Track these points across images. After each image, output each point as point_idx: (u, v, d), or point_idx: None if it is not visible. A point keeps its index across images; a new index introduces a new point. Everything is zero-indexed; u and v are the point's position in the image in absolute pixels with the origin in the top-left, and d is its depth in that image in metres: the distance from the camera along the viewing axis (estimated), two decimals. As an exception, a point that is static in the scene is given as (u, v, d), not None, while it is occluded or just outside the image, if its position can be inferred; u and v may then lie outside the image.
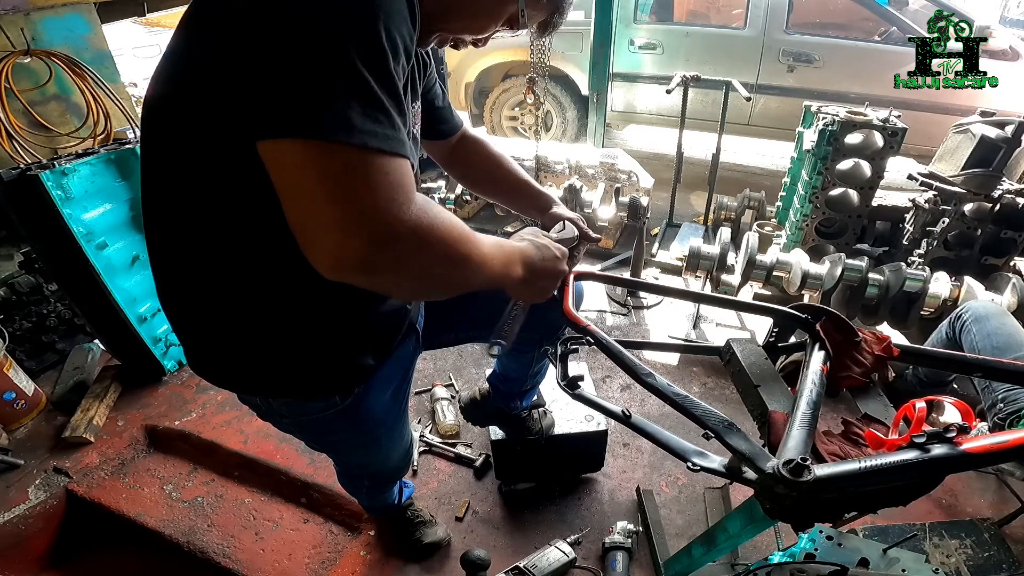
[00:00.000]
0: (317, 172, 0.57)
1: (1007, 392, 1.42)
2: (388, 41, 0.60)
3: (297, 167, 0.58)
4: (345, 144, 0.57)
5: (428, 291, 0.77)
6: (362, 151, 0.58)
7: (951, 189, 2.29)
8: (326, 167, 0.57)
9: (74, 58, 2.47)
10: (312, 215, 0.59)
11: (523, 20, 0.84)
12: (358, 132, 0.57)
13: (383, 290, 0.70)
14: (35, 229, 1.90)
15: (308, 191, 0.58)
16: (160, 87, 0.70)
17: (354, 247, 0.59)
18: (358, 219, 0.58)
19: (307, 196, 0.58)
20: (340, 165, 0.57)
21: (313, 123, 0.56)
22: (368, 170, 0.59)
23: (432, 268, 0.67)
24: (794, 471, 0.64)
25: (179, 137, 0.69)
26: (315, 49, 0.56)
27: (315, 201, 0.58)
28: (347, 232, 0.58)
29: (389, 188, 0.60)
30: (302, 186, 0.59)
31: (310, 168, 0.57)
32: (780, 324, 1.11)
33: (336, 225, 0.58)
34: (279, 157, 0.59)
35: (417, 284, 0.70)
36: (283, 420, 0.99)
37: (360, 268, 0.61)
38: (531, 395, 1.57)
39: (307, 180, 0.58)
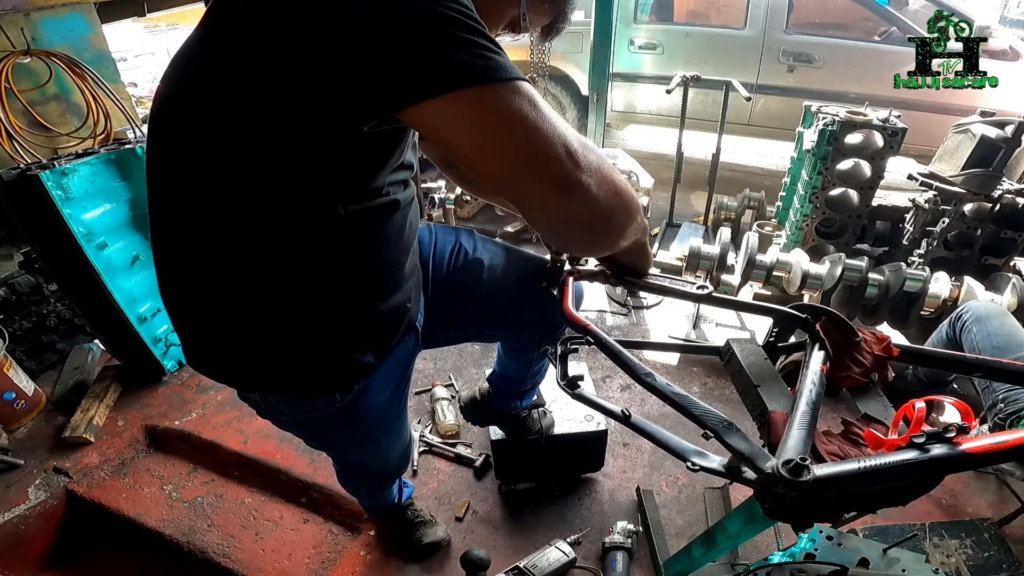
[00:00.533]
0: (511, 110, 0.60)
1: (1007, 392, 1.42)
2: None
3: (483, 114, 0.60)
4: (515, 80, 0.60)
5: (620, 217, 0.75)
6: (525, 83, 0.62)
7: (951, 189, 2.29)
8: (514, 103, 0.60)
9: (74, 58, 2.47)
10: (520, 152, 0.61)
11: (525, 24, 0.84)
12: (511, 69, 0.61)
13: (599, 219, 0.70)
14: (35, 229, 1.90)
15: (505, 132, 0.61)
16: (175, 86, 0.70)
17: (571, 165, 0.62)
18: (561, 137, 0.62)
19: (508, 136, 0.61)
20: (520, 97, 0.60)
21: (481, 68, 0.58)
22: (537, 98, 0.62)
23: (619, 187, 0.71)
24: (793, 471, 0.64)
25: (193, 135, 0.69)
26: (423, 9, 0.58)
27: (517, 138, 0.61)
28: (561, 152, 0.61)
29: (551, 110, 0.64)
30: (497, 129, 0.61)
31: (502, 109, 0.60)
32: (780, 324, 1.11)
33: (548, 150, 0.61)
34: (455, 113, 0.60)
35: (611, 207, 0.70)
36: (282, 417, 0.99)
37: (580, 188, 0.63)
38: (531, 395, 1.57)
39: (502, 121, 0.60)
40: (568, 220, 0.67)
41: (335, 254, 0.77)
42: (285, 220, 0.72)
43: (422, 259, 1.08)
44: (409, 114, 0.61)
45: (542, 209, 0.66)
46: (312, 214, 0.72)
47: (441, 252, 1.16)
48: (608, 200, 0.68)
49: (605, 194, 0.67)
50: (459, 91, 0.59)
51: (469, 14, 0.60)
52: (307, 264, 0.77)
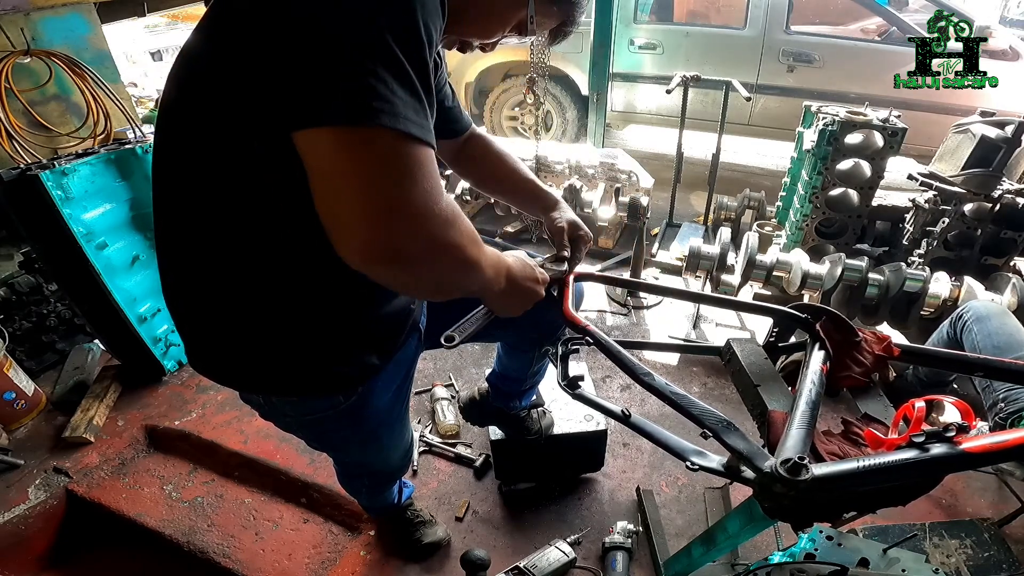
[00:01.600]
0: (357, 158, 0.57)
1: (1008, 392, 1.42)
2: (425, 33, 0.60)
3: (336, 153, 0.57)
4: (388, 130, 0.57)
5: (437, 289, 0.74)
6: (403, 138, 0.58)
7: (951, 189, 2.29)
8: (367, 153, 0.57)
9: (74, 58, 2.47)
10: (347, 202, 0.58)
11: (532, 27, 0.84)
12: (401, 119, 0.57)
13: (400, 285, 0.69)
14: (35, 229, 1.90)
15: (345, 177, 0.58)
16: (182, 85, 0.70)
17: (388, 236, 0.58)
18: (397, 207, 0.58)
19: (344, 182, 0.58)
20: (382, 151, 0.57)
21: (355, 109, 0.56)
22: (408, 158, 0.58)
23: (451, 267, 0.68)
24: (792, 470, 0.64)
25: (199, 134, 0.69)
26: (357, 36, 0.56)
27: (351, 187, 0.58)
28: (383, 220, 0.58)
29: (426, 178, 0.60)
30: (339, 172, 0.58)
31: (349, 154, 0.57)
32: (780, 324, 1.11)
33: (373, 212, 0.58)
34: (316, 145, 0.58)
35: (432, 281, 0.69)
36: (286, 419, 0.99)
37: (390, 258, 0.60)
38: (530, 395, 1.57)
39: (346, 165, 0.57)
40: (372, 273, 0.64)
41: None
42: (290, 222, 0.72)
43: None
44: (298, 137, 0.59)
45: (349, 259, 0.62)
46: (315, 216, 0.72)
47: None
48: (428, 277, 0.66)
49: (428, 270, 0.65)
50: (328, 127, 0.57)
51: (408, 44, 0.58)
52: (313, 266, 0.76)
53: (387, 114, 0.56)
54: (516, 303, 0.92)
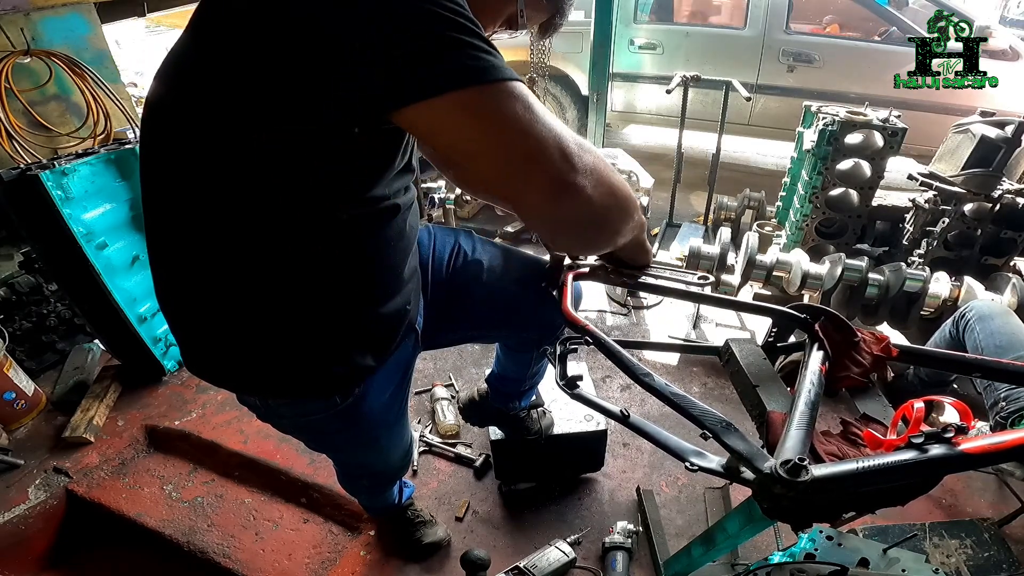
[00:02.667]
0: (505, 111, 0.60)
1: (1008, 391, 1.42)
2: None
3: (476, 114, 0.60)
4: (509, 81, 0.60)
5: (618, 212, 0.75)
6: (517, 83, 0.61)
7: (951, 189, 2.29)
8: (507, 103, 0.60)
9: (74, 58, 2.47)
10: (513, 154, 0.61)
11: (522, 21, 0.84)
12: (504, 69, 0.61)
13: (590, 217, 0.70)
14: (35, 229, 1.91)
15: (499, 133, 0.60)
16: (172, 87, 0.70)
17: (566, 166, 0.62)
18: (556, 138, 0.61)
19: (499, 139, 0.61)
20: (515, 99, 0.60)
21: (471, 70, 0.58)
22: (530, 97, 0.62)
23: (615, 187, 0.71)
24: (791, 471, 0.64)
25: (190, 135, 0.69)
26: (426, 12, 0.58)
27: (511, 139, 0.60)
28: (555, 154, 0.61)
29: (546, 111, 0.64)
30: (490, 131, 0.60)
31: (495, 110, 0.60)
32: (779, 324, 1.11)
33: (542, 152, 0.61)
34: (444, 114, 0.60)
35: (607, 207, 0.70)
36: (282, 421, 0.99)
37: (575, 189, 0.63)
38: (529, 395, 1.57)
39: (495, 123, 0.60)
40: (563, 220, 0.67)
41: (335, 257, 0.77)
42: (284, 223, 0.72)
43: (421, 261, 1.08)
44: (402, 115, 0.61)
45: (536, 211, 0.66)
46: (312, 217, 0.72)
47: (440, 254, 1.16)
48: (604, 201, 0.69)
49: (601, 195, 0.67)
50: (451, 93, 0.58)
51: (464, 14, 0.60)
52: (307, 267, 0.76)
53: (497, 68, 0.60)
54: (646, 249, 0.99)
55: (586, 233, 0.75)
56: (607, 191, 0.69)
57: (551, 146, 0.62)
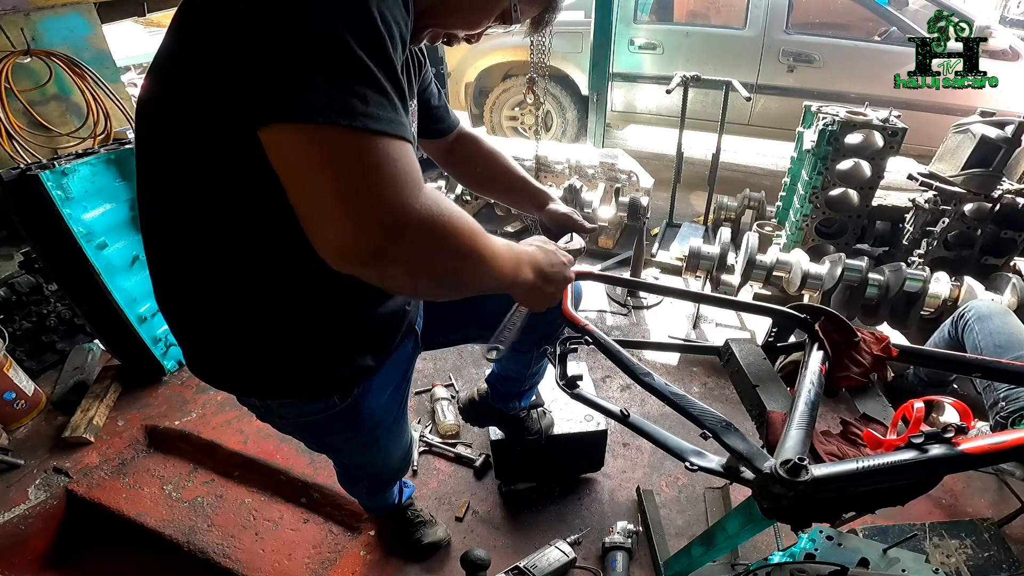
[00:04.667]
0: (319, 158, 0.55)
1: (1008, 391, 1.42)
2: (383, 24, 0.58)
3: (297, 153, 0.56)
4: (346, 128, 0.55)
5: (437, 287, 0.71)
6: (365, 134, 0.56)
7: (951, 189, 2.29)
8: (328, 152, 0.55)
9: (74, 58, 2.47)
10: (317, 204, 0.57)
11: (516, 15, 0.83)
12: (359, 115, 0.55)
13: (390, 284, 0.65)
14: (35, 229, 1.90)
15: (311, 178, 0.56)
16: (154, 87, 0.69)
17: (363, 238, 0.56)
18: (366, 208, 0.56)
19: (310, 184, 0.56)
20: (343, 150, 0.55)
21: (310, 106, 0.54)
22: (373, 155, 0.56)
23: (443, 262, 0.65)
24: (791, 471, 0.64)
25: (174, 136, 0.68)
26: (310, 32, 0.55)
27: (319, 189, 0.56)
28: (355, 222, 0.56)
29: (396, 174, 0.58)
30: (304, 173, 0.56)
31: (311, 154, 0.55)
32: (779, 324, 1.11)
33: (343, 214, 0.56)
34: (279, 144, 0.57)
35: (427, 279, 0.66)
36: (282, 421, 0.99)
37: (369, 260, 0.58)
38: (529, 395, 1.57)
39: (309, 167, 0.56)
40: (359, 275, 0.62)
41: None
42: (281, 223, 0.71)
43: None
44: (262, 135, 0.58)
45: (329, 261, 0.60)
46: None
47: None
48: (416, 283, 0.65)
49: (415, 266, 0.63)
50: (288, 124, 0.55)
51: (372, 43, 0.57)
52: (306, 268, 0.76)
53: (348, 110, 0.55)
54: (551, 291, 0.89)
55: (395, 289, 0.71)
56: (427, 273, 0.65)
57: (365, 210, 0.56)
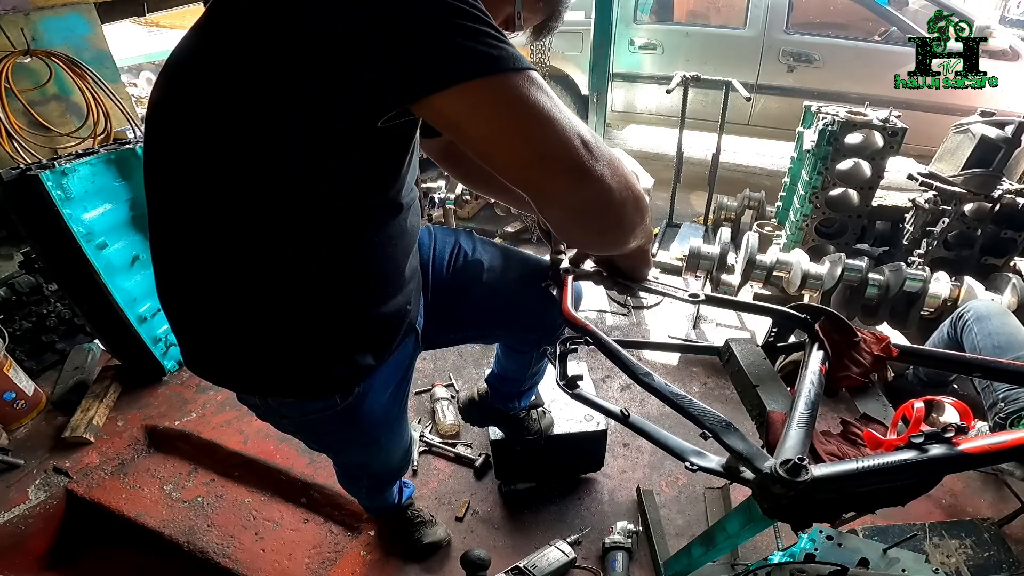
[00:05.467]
0: (527, 99, 0.60)
1: (1007, 392, 1.42)
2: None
3: (500, 103, 0.60)
4: (528, 71, 0.61)
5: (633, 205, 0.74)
6: (531, 72, 0.62)
7: (951, 189, 2.29)
8: (529, 92, 0.60)
9: (74, 58, 2.47)
10: (535, 143, 0.61)
11: (519, 22, 0.84)
12: (523, 59, 0.61)
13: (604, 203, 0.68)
14: (35, 229, 1.91)
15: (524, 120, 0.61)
16: (177, 89, 0.70)
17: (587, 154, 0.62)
18: (575, 127, 0.62)
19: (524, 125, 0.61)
20: (537, 88, 0.61)
21: (487, 60, 0.59)
22: (548, 88, 0.63)
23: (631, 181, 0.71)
24: (791, 471, 0.64)
25: (194, 138, 0.69)
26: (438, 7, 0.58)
27: (533, 127, 0.61)
28: (576, 141, 0.62)
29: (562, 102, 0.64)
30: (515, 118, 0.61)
31: (517, 98, 0.60)
32: (779, 324, 1.11)
33: (564, 140, 0.61)
34: (462, 104, 0.60)
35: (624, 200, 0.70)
36: (282, 420, 0.99)
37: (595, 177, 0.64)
38: (529, 395, 1.57)
39: (519, 109, 0.60)
40: (583, 209, 0.67)
41: (336, 257, 0.77)
42: (285, 223, 0.72)
43: (422, 261, 1.08)
44: (423, 105, 0.61)
45: (557, 198, 0.66)
46: (312, 217, 0.72)
47: (441, 254, 1.16)
48: (621, 192, 0.69)
49: (619, 185, 0.68)
50: (473, 81, 0.59)
51: (477, 6, 0.61)
52: (308, 267, 0.76)
53: (516, 57, 0.60)
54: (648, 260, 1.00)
55: (603, 224, 0.74)
56: (624, 183, 0.69)
57: (571, 134, 0.62)
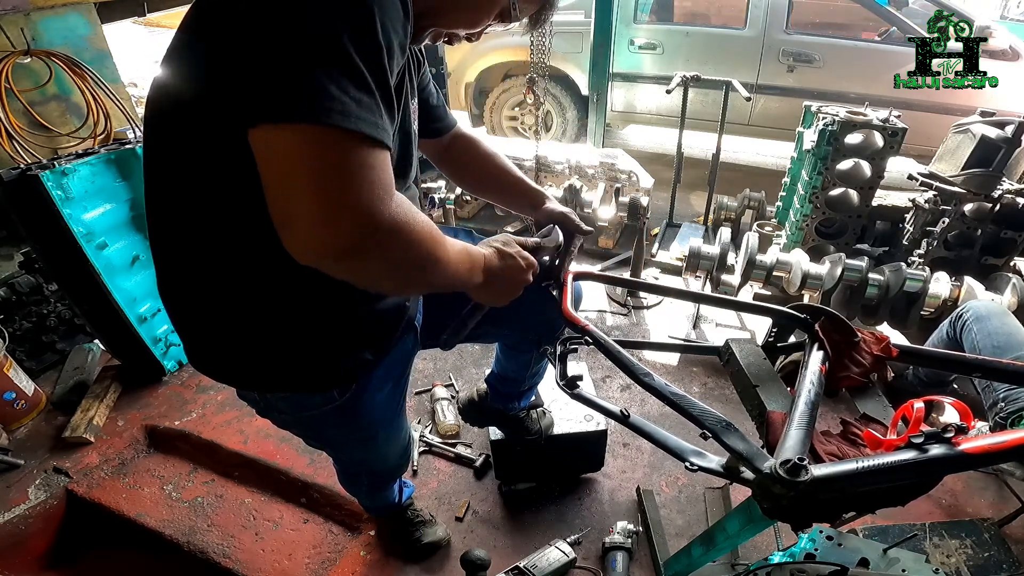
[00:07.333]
0: (306, 156, 0.57)
1: (1007, 392, 1.42)
2: (383, 35, 0.60)
3: (286, 151, 0.58)
4: (338, 128, 0.57)
5: (394, 286, 0.78)
6: (353, 137, 0.58)
7: (951, 189, 2.29)
8: (316, 151, 0.57)
9: (74, 58, 2.47)
10: (293, 200, 0.59)
11: (515, 13, 0.84)
12: (353, 118, 0.58)
13: (352, 277, 0.68)
14: (35, 229, 1.90)
15: (294, 175, 0.58)
16: (162, 87, 0.71)
17: (333, 235, 0.59)
18: (341, 207, 0.58)
19: (292, 180, 0.58)
20: (330, 150, 0.57)
21: (307, 107, 0.56)
22: (357, 158, 0.59)
23: (403, 264, 0.69)
24: (791, 471, 0.64)
25: (180, 134, 0.70)
26: (310, 33, 0.57)
27: (298, 186, 0.58)
28: (328, 219, 0.58)
29: (375, 181, 0.60)
30: (288, 170, 0.58)
31: (299, 152, 0.57)
32: (779, 324, 1.11)
33: (318, 211, 0.58)
34: (269, 143, 0.59)
35: (386, 278, 0.70)
36: (281, 416, 0.99)
37: (335, 255, 0.61)
38: (529, 396, 1.57)
39: (294, 164, 0.58)
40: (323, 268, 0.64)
41: None
42: None
43: None
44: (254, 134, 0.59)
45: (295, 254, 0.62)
46: None
47: None
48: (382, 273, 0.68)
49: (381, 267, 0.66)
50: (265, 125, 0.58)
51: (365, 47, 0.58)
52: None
53: (338, 112, 0.57)
54: (502, 293, 0.94)
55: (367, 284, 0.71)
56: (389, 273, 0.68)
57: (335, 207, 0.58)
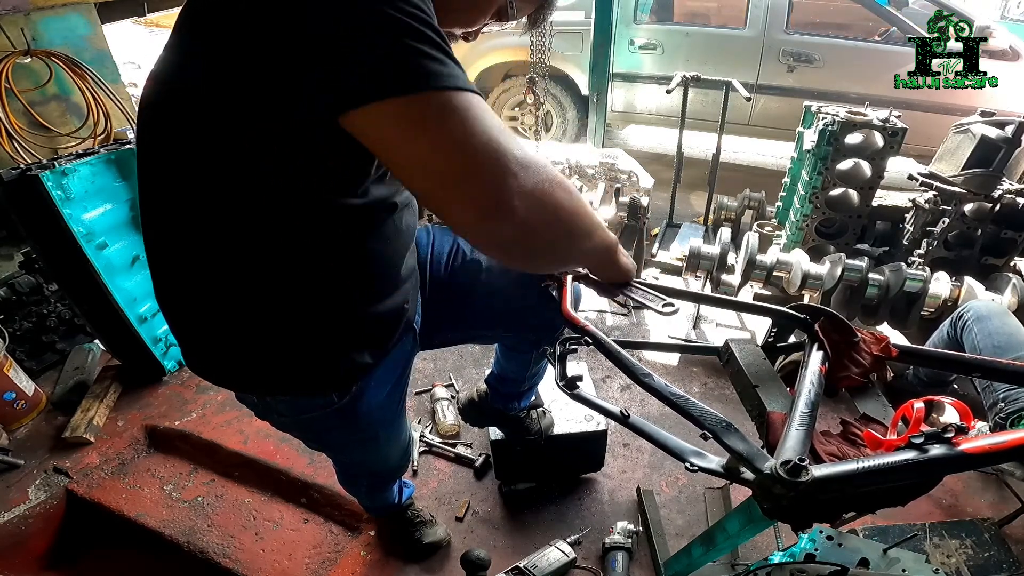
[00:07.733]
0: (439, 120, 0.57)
1: (1007, 392, 1.42)
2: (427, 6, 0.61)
3: (413, 122, 0.57)
4: (450, 90, 0.57)
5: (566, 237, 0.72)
6: (465, 93, 0.59)
7: (951, 189, 2.29)
8: (445, 115, 0.57)
9: (74, 58, 2.47)
10: (447, 167, 0.58)
11: (512, 12, 0.84)
12: (454, 77, 0.58)
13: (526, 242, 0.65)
14: (35, 229, 1.90)
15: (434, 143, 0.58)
16: (162, 86, 0.70)
17: (501, 186, 0.59)
18: (494, 154, 0.58)
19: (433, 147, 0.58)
20: (457, 110, 0.58)
21: (413, 77, 0.56)
22: (478, 108, 0.59)
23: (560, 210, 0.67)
24: (791, 471, 0.64)
25: (179, 135, 0.69)
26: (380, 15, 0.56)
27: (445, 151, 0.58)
28: (488, 173, 0.58)
29: (504, 127, 0.61)
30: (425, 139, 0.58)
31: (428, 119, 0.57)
32: (779, 324, 1.11)
33: (478, 168, 0.58)
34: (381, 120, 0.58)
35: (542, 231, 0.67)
36: (280, 418, 0.99)
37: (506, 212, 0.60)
38: (529, 396, 1.57)
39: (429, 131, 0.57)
40: (492, 243, 0.65)
41: (332, 255, 0.77)
42: (280, 221, 0.72)
43: (420, 260, 1.09)
44: (349, 121, 0.59)
45: (463, 230, 0.63)
46: (307, 215, 0.72)
47: (439, 253, 1.16)
48: (541, 226, 0.66)
49: (540, 220, 0.65)
50: (391, 99, 0.57)
51: (426, 21, 0.59)
52: (304, 265, 0.77)
53: (443, 75, 0.57)
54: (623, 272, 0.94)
55: (518, 255, 0.71)
56: (549, 217, 0.66)
57: (487, 165, 0.59)
